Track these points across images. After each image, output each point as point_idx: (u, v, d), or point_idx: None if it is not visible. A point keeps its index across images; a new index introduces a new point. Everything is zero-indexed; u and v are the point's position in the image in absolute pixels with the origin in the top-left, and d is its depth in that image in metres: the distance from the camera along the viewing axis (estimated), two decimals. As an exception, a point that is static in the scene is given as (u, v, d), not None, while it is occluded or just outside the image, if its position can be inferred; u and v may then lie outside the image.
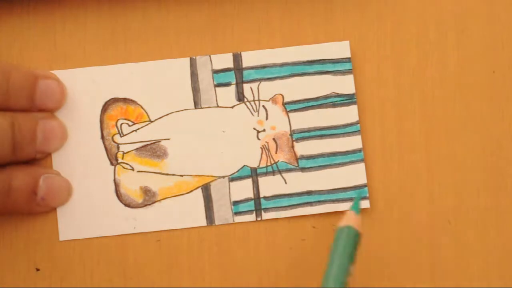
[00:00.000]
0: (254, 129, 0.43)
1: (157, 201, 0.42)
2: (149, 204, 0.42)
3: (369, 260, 0.42)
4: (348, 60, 0.43)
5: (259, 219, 0.42)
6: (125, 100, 0.43)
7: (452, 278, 0.43)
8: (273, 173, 0.43)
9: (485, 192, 0.43)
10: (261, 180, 0.43)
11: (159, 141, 0.43)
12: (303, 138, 0.43)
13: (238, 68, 0.43)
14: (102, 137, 0.43)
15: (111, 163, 0.43)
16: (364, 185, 0.43)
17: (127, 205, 0.42)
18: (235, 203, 0.42)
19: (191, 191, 0.42)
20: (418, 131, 0.44)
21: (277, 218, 0.43)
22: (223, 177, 0.43)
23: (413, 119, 0.44)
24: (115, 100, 0.43)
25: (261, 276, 0.42)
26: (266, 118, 0.43)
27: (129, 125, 0.43)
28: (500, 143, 0.44)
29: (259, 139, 0.43)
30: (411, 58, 0.44)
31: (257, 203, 0.42)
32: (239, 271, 0.42)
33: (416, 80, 0.44)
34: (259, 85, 0.43)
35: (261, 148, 0.43)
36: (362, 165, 0.43)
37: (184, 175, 0.43)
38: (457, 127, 0.44)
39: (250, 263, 0.42)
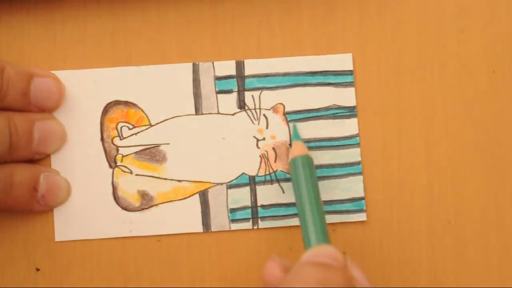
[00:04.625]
0: (254, 137, 0.43)
1: (154, 205, 0.43)
2: (146, 208, 0.43)
3: (369, 260, 0.43)
4: (350, 72, 0.43)
5: (255, 227, 0.43)
6: (126, 103, 0.43)
7: (452, 278, 0.43)
8: (271, 182, 0.43)
9: (485, 192, 0.44)
10: (259, 189, 0.43)
11: (158, 145, 0.43)
12: (302, 148, 0.43)
13: (240, 75, 0.43)
14: (102, 139, 0.43)
15: (110, 166, 0.43)
16: (362, 198, 0.43)
17: (124, 208, 0.43)
18: (232, 210, 0.43)
19: (189, 196, 0.43)
20: (418, 131, 0.44)
21: (277, 218, 0.43)
22: (221, 184, 0.43)
23: (413, 119, 0.44)
24: (116, 103, 0.43)
25: (261, 276, 0.43)
26: (267, 127, 0.43)
27: (129, 128, 0.43)
28: (500, 143, 0.44)
29: (258, 147, 0.43)
30: (411, 58, 0.44)
31: (254, 211, 0.43)
32: (239, 271, 0.43)
33: (416, 80, 0.44)
34: (260, 93, 0.43)
35: (260, 156, 0.43)
36: (360, 178, 0.43)
37: (182, 180, 0.43)
38: (457, 127, 0.44)
39: (250, 263, 0.43)
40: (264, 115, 0.43)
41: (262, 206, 0.43)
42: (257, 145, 0.43)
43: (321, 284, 0.34)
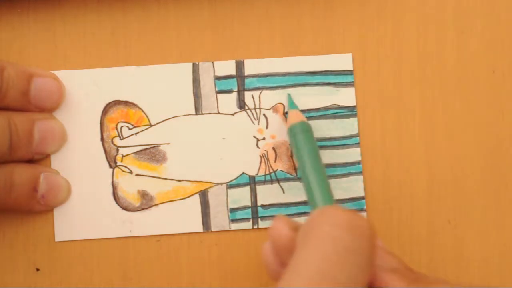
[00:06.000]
0: (254, 137, 0.43)
1: (154, 205, 0.43)
2: (146, 208, 0.43)
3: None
4: (350, 72, 0.43)
5: (255, 227, 0.43)
6: (126, 103, 0.43)
7: (452, 278, 0.43)
8: (271, 181, 0.43)
9: (485, 192, 0.44)
10: (259, 188, 0.43)
11: (158, 145, 0.43)
12: (302, 148, 0.43)
13: (240, 75, 0.43)
14: (102, 139, 0.43)
15: (110, 166, 0.43)
16: (362, 198, 0.43)
17: (124, 208, 0.43)
18: (232, 210, 0.43)
19: (189, 196, 0.43)
20: (418, 131, 0.44)
21: (277, 218, 0.43)
22: (221, 184, 0.43)
23: (413, 119, 0.44)
24: (116, 103, 0.43)
25: (261, 276, 0.43)
26: (266, 127, 0.43)
27: (129, 128, 0.43)
28: (500, 143, 0.44)
29: (258, 147, 0.43)
30: (411, 58, 0.44)
31: (254, 211, 0.43)
32: (239, 271, 0.43)
33: (416, 80, 0.44)
34: (260, 93, 0.43)
35: (260, 156, 0.43)
36: (360, 177, 0.43)
37: (182, 180, 0.43)
38: (457, 127, 0.44)
39: (250, 263, 0.43)
40: (264, 115, 0.43)
41: (262, 206, 0.43)
42: (257, 145, 0.43)
43: (351, 226, 0.32)
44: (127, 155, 0.43)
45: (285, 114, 0.43)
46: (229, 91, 0.43)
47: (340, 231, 0.32)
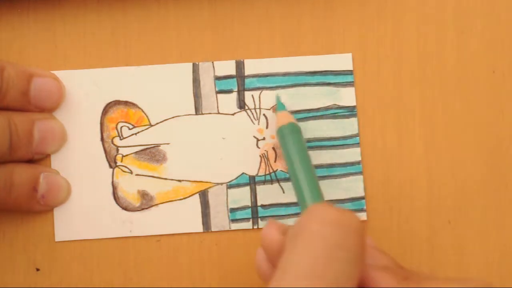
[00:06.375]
0: (254, 137, 0.43)
1: (154, 205, 0.43)
2: (146, 208, 0.43)
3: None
4: (350, 72, 0.43)
5: (255, 227, 0.43)
6: (126, 103, 0.43)
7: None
8: (271, 181, 0.43)
9: (485, 192, 0.44)
10: (259, 188, 0.43)
11: (158, 145, 0.43)
12: (302, 148, 0.43)
13: (240, 75, 0.43)
14: (102, 139, 0.43)
15: (110, 166, 0.43)
16: (362, 198, 0.43)
17: (124, 208, 0.43)
18: (232, 210, 0.43)
19: (189, 196, 0.43)
20: (418, 131, 0.44)
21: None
22: (221, 184, 0.43)
23: (413, 119, 0.44)
24: (116, 103, 0.43)
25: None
26: (266, 127, 0.43)
27: (129, 128, 0.43)
28: (500, 143, 0.44)
29: (258, 147, 0.43)
30: (411, 58, 0.44)
31: (254, 211, 0.43)
32: (239, 271, 0.43)
33: (416, 80, 0.44)
34: (260, 93, 0.43)
35: (260, 156, 0.43)
36: (360, 177, 0.43)
37: (182, 180, 0.43)
38: (457, 127, 0.44)
39: (250, 263, 0.43)
40: (264, 115, 0.43)
41: (262, 206, 0.43)
42: (257, 145, 0.43)
43: (339, 223, 0.32)
44: (127, 155, 0.43)
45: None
46: (229, 91, 0.43)
47: (329, 228, 0.32)
